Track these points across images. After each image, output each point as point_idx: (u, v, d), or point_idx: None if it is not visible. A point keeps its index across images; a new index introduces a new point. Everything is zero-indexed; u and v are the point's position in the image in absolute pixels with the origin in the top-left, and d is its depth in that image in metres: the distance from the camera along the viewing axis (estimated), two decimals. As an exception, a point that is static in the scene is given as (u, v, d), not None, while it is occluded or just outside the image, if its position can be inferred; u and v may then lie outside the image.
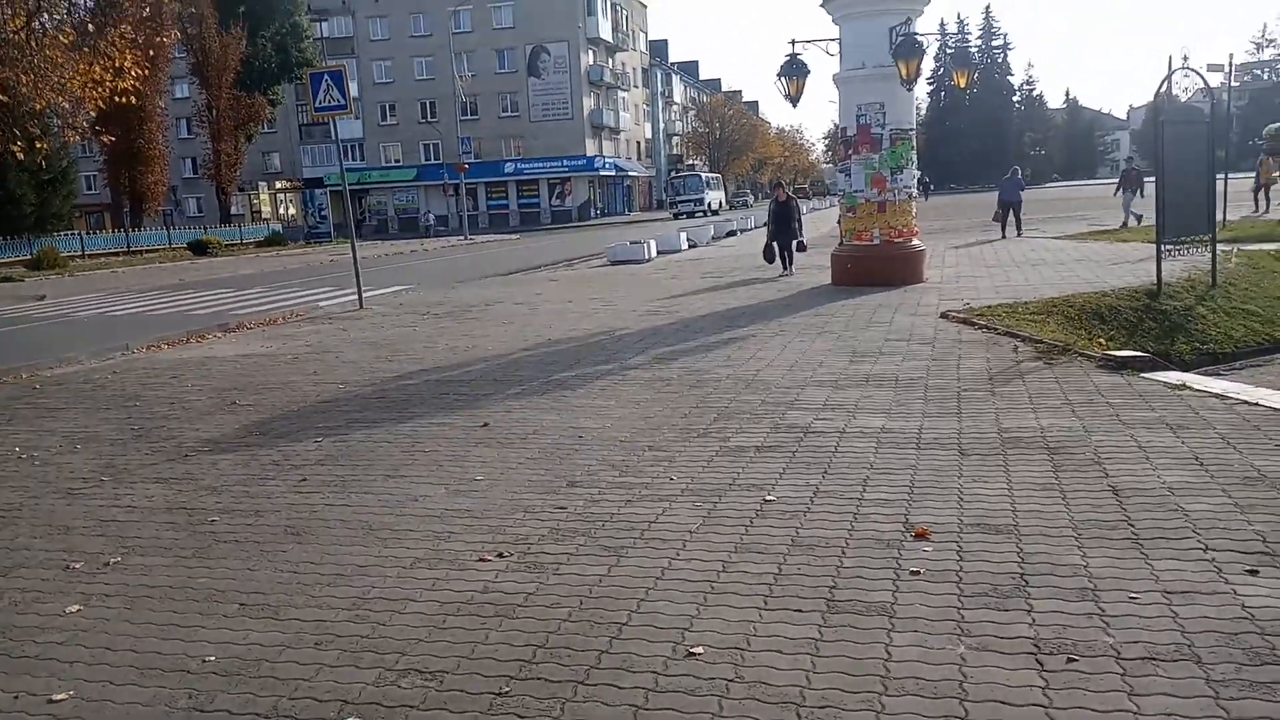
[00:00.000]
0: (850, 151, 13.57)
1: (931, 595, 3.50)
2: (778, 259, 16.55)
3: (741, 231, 32.94)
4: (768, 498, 4.71)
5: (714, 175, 70.43)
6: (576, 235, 44.75)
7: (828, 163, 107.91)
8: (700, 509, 4.61)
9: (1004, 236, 21.47)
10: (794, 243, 16.41)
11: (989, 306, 10.52)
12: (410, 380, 8.60)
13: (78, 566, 4.38)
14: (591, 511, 4.68)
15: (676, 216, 56.51)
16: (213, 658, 3.36)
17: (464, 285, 19.11)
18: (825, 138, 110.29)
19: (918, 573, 3.70)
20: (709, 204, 59.94)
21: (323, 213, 52.20)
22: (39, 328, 16.25)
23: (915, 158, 13.74)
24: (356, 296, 15.70)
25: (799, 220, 16.60)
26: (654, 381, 7.79)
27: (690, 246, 26.61)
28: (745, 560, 3.94)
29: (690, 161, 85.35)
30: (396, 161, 68.39)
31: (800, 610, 3.45)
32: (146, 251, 42.08)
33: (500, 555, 4.17)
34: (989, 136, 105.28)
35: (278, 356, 10.50)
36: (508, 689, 3.02)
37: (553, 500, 4.90)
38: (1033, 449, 5.29)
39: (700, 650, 3.19)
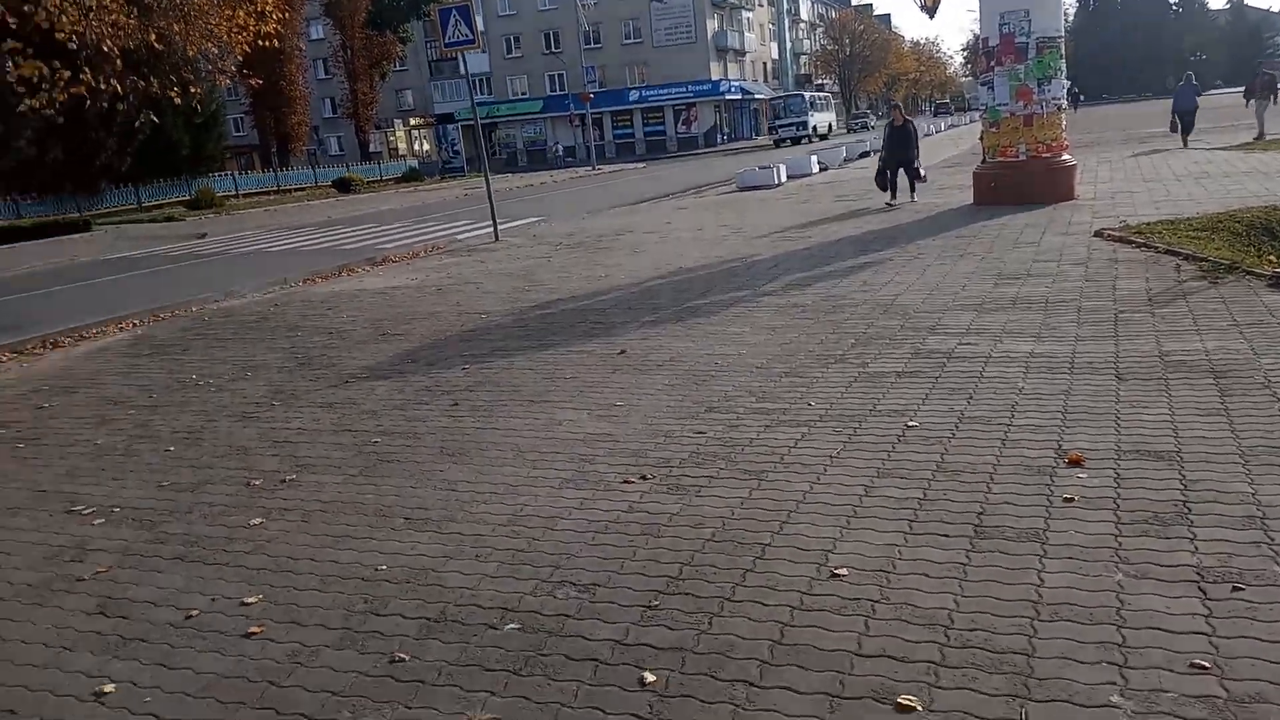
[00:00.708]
0: (993, 63, 12.86)
1: (1087, 523, 3.41)
2: (889, 187, 15.13)
3: (875, 153, 31.82)
4: (910, 423, 4.65)
5: (822, 95, 65.32)
6: (703, 162, 44.27)
7: (966, 76, 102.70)
8: (840, 434, 4.60)
9: (1185, 146, 19.99)
10: (912, 169, 14.99)
11: (1147, 224, 9.91)
12: (548, 309, 8.81)
13: (257, 484, 4.75)
14: (730, 436, 4.74)
15: (778, 144, 51.82)
16: (384, 567, 3.62)
17: (594, 215, 19.28)
18: (964, 49, 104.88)
19: (1071, 500, 3.60)
20: (814, 127, 54.32)
21: (455, 148, 53.29)
22: (203, 264, 17.37)
23: (1064, 67, 12.91)
24: (492, 229, 16.08)
25: (916, 146, 15.16)
26: (789, 307, 7.73)
27: (822, 169, 25.96)
28: (888, 485, 3.92)
29: (819, 81, 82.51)
30: (523, 94, 68.81)
31: (947, 535, 3.42)
32: (295, 190, 44.10)
33: (643, 478, 4.29)
34: (1144, 43, 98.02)
35: (423, 288, 10.92)
36: (657, 603, 3.14)
37: (692, 425, 4.98)
38: (1197, 372, 5.01)
39: (844, 571, 3.22)
